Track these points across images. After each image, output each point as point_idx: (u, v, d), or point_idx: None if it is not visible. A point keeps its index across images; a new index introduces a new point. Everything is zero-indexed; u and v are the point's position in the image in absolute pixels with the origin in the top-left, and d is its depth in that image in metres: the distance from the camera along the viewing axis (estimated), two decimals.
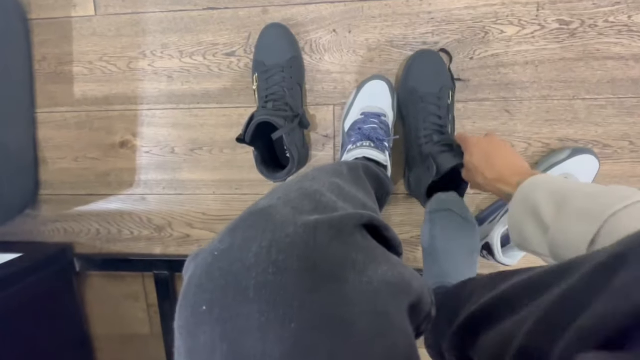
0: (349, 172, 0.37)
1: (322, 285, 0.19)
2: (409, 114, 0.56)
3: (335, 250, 0.20)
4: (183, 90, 0.62)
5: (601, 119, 0.57)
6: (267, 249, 0.19)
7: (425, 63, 0.55)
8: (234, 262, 0.19)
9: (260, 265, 0.18)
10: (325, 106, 0.61)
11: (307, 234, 0.20)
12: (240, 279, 0.18)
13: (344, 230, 0.21)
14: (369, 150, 0.50)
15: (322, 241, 0.20)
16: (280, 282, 0.18)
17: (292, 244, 0.19)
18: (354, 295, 0.19)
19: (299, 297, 0.18)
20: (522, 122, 0.58)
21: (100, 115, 0.65)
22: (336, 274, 0.19)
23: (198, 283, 0.19)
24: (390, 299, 0.20)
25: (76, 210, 0.70)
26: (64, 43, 0.62)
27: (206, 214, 0.68)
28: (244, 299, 0.18)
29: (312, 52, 0.59)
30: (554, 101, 0.57)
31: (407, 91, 0.55)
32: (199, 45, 0.60)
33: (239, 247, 0.20)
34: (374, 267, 0.21)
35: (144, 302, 0.73)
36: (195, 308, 0.19)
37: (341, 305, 0.18)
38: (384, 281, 0.20)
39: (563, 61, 0.56)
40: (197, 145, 0.64)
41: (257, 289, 0.18)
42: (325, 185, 0.29)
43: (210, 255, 0.20)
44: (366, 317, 0.19)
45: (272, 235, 0.20)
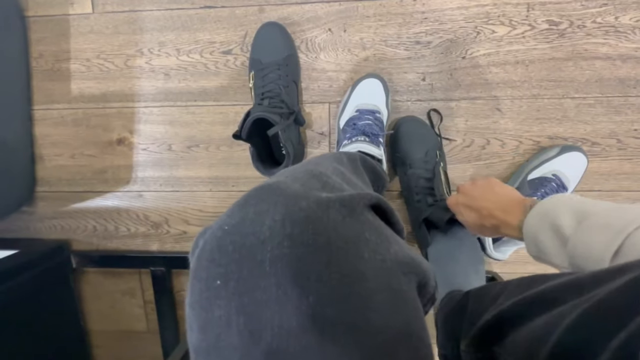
0: (349, 162, 0.38)
1: (338, 260, 0.18)
2: (401, 177, 0.59)
3: (348, 228, 0.20)
4: (180, 88, 0.63)
5: (590, 117, 0.59)
6: (280, 222, 0.19)
7: (410, 129, 0.57)
8: (247, 236, 0.19)
9: (275, 239, 0.18)
10: (321, 104, 0.62)
11: (320, 209, 0.20)
12: (255, 252, 0.18)
13: (356, 209, 0.21)
14: (363, 144, 0.51)
15: (336, 218, 0.20)
16: (296, 255, 0.18)
17: (307, 218, 0.19)
18: (369, 271, 0.19)
19: (315, 270, 0.18)
20: (513, 120, 0.60)
21: (97, 113, 0.65)
22: (351, 250, 0.19)
23: (210, 257, 0.19)
24: (403, 277, 0.20)
25: (73, 207, 0.70)
26: (61, 40, 0.63)
27: (203, 210, 0.68)
28: (260, 272, 0.18)
29: (308, 50, 0.60)
30: (544, 100, 0.58)
31: (396, 158, 0.59)
32: (196, 43, 0.61)
33: (251, 220, 0.19)
34: (386, 245, 0.21)
35: (140, 298, 0.74)
36: (209, 282, 0.18)
37: (357, 281, 0.18)
38: (396, 260, 0.20)
39: (553, 61, 0.57)
40: (194, 142, 0.65)
41: (273, 262, 0.18)
42: (329, 169, 0.29)
43: (219, 229, 0.19)
44: (382, 292, 0.19)
45: (285, 208, 0.19)
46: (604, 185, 0.61)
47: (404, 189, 0.59)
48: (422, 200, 0.55)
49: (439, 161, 0.56)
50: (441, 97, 0.59)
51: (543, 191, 0.53)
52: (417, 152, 0.56)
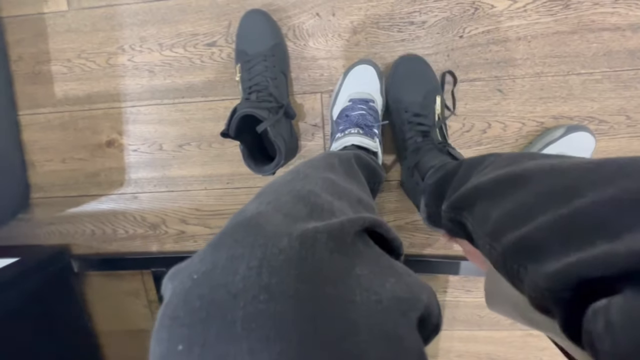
0: (341, 165, 0.36)
1: (325, 312, 0.16)
2: (394, 124, 0.55)
3: (337, 265, 0.18)
4: (166, 85, 0.61)
5: (597, 94, 0.55)
6: (256, 269, 0.16)
7: (408, 70, 0.53)
8: (217, 288, 0.16)
9: (249, 292, 0.16)
10: (313, 94, 0.59)
11: (304, 247, 0.17)
12: (225, 310, 0.15)
13: (346, 240, 0.19)
14: (357, 137, 0.48)
15: (322, 255, 0.17)
16: (274, 311, 0.15)
17: (287, 261, 0.17)
18: (363, 318, 0.16)
19: (298, 329, 0.15)
20: (516, 101, 0.57)
21: (83, 115, 0.63)
22: (341, 295, 0.17)
23: (173, 315, 0.16)
24: (401, 318, 0.18)
25: (69, 212, 0.69)
26: (39, 41, 0.60)
27: (200, 209, 0.67)
28: (230, 335, 0.15)
29: (296, 38, 0.57)
30: (547, 78, 0.55)
31: (391, 100, 0.55)
32: (178, 36, 0.58)
33: (222, 268, 0.17)
34: (381, 281, 0.18)
35: (144, 298, 0.74)
36: (170, 346, 0.16)
37: (349, 334, 0.16)
38: (394, 297, 0.18)
39: (557, 35, 0.53)
40: (185, 140, 0.63)
41: (245, 321, 0.15)
42: (319, 184, 0.26)
43: (188, 278, 0.17)
44: (377, 344, 0.16)
45: (262, 252, 0.17)
46: None
47: (397, 136, 0.55)
48: (413, 140, 0.52)
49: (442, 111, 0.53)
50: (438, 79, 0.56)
51: None
52: (415, 96, 0.52)
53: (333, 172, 0.31)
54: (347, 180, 0.32)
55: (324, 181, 0.27)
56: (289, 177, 0.28)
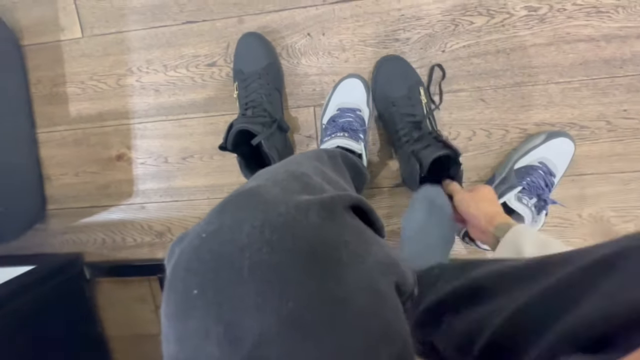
0: (329, 159, 0.38)
1: (318, 264, 0.18)
2: (386, 120, 0.58)
3: (328, 230, 0.20)
4: (170, 102, 0.66)
5: (576, 101, 0.58)
6: (259, 228, 0.18)
7: (389, 68, 0.57)
8: (225, 243, 0.18)
9: (253, 245, 0.18)
10: (306, 108, 0.63)
11: (299, 213, 0.20)
12: (234, 260, 0.18)
13: (335, 211, 0.21)
14: (343, 139, 0.52)
15: (315, 221, 0.20)
16: (275, 261, 0.18)
17: (285, 223, 0.19)
18: (348, 273, 0.19)
19: (295, 275, 0.18)
20: (498, 110, 0.60)
21: (95, 132, 0.69)
22: (330, 253, 0.19)
23: (186, 267, 0.19)
24: (382, 277, 0.20)
25: (82, 222, 0.74)
26: (56, 66, 0.66)
27: (202, 218, 0.71)
28: (239, 279, 0.17)
29: (289, 56, 0.61)
30: (528, 87, 0.58)
31: (378, 98, 0.58)
32: (181, 58, 0.63)
33: (229, 227, 0.19)
34: (365, 247, 0.21)
35: (152, 303, 0.78)
36: (186, 292, 0.18)
37: (337, 284, 0.18)
38: (375, 261, 0.20)
39: (534, 47, 0.57)
40: (188, 153, 0.68)
41: (251, 268, 0.17)
42: (310, 169, 0.29)
43: (197, 237, 0.19)
44: (361, 294, 0.19)
45: (263, 214, 0.19)
46: (597, 168, 0.60)
47: (391, 132, 0.58)
48: (409, 135, 0.54)
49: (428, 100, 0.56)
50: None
51: (529, 179, 0.54)
52: (400, 90, 0.55)
53: (322, 163, 0.34)
54: (334, 173, 0.35)
55: (315, 168, 0.30)
56: (283, 162, 0.31)
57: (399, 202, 0.66)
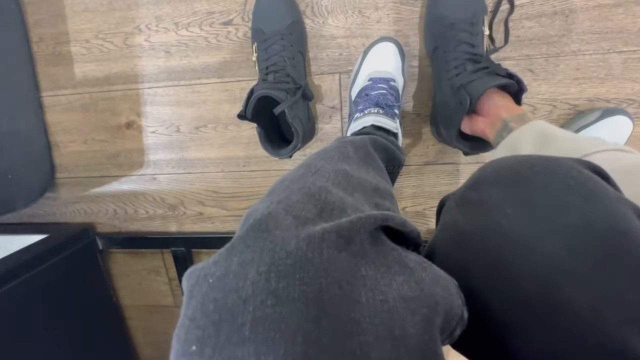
0: (356, 153, 0.35)
1: (330, 312, 0.16)
2: (437, 47, 0.49)
3: (344, 265, 0.18)
4: (182, 66, 0.60)
5: (639, 74, 0.51)
6: (265, 274, 0.17)
7: None
8: (229, 293, 0.17)
9: (258, 297, 0.16)
10: (331, 75, 0.57)
11: (310, 249, 0.18)
12: (236, 314, 0.16)
13: (354, 239, 0.19)
14: (377, 117, 0.47)
15: (330, 255, 0.18)
16: (280, 315, 0.16)
17: (294, 265, 0.17)
18: (367, 318, 0.17)
19: (303, 330, 0.16)
20: (547, 82, 0.53)
21: (103, 96, 0.64)
22: (346, 296, 0.17)
23: (192, 316, 0.17)
24: (409, 317, 0.18)
25: (93, 192, 0.72)
26: (58, 21, 0.60)
27: (217, 192, 0.68)
28: (239, 338, 0.16)
29: (314, 15, 0.54)
30: (585, 56, 0.51)
31: (434, 20, 0.49)
32: (194, 15, 0.57)
33: (234, 273, 0.18)
34: (388, 280, 0.19)
35: (165, 276, 0.77)
36: (186, 346, 0.17)
37: (353, 334, 0.16)
38: (400, 297, 0.18)
39: (598, 8, 0.49)
40: (202, 122, 0.63)
41: (253, 325, 0.16)
42: (331, 178, 0.26)
43: (204, 282, 0.18)
44: (382, 345, 0.16)
45: (270, 256, 0.18)
46: None
47: (440, 63, 0.49)
48: (461, 67, 0.46)
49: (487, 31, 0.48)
50: None
51: None
52: (464, 12, 0.47)
53: (347, 163, 0.30)
54: (362, 169, 0.31)
55: (337, 174, 0.27)
56: (301, 171, 0.27)
57: (426, 181, 0.61)
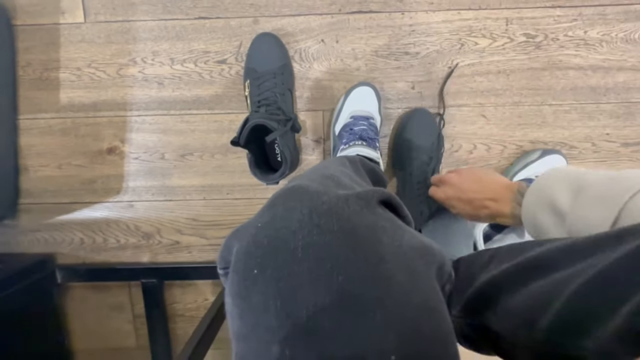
0: (351, 165, 0.40)
1: (362, 244, 0.21)
2: (403, 163, 0.60)
3: (367, 217, 0.22)
4: (174, 97, 0.63)
5: (566, 123, 0.63)
6: (308, 215, 0.21)
7: (421, 120, 0.60)
8: (280, 229, 0.21)
9: (304, 229, 0.20)
10: (315, 112, 0.63)
11: (341, 202, 0.22)
12: (288, 242, 0.20)
13: (370, 202, 0.23)
14: (361, 148, 0.52)
15: (355, 209, 0.22)
16: (324, 241, 0.20)
17: (330, 209, 0.21)
18: (388, 254, 0.21)
19: (343, 253, 0.20)
20: (497, 126, 0.63)
21: (86, 122, 0.64)
22: (371, 235, 0.21)
23: (246, 251, 0.21)
24: (418, 259, 0.22)
25: (59, 219, 0.67)
26: (50, 49, 0.62)
27: (196, 219, 0.67)
28: (294, 258, 0.19)
29: (302, 60, 0.62)
30: (524, 107, 0.62)
31: (402, 141, 0.60)
32: (190, 52, 0.62)
33: (281, 216, 0.22)
34: (400, 233, 0.23)
35: (129, 312, 0.71)
36: (247, 272, 0.20)
37: (379, 262, 0.20)
38: (410, 245, 0.23)
39: (531, 70, 0.61)
40: (188, 150, 0.65)
41: (304, 249, 0.20)
42: (337, 171, 0.32)
43: (253, 227, 0.22)
44: (401, 272, 0.21)
45: (310, 203, 0.22)
46: None
47: (403, 173, 0.60)
48: (422, 183, 0.57)
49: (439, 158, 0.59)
50: (430, 104, 0.62)
51: None
52: (426, 141, 0.59)
53: (345, 168, 0.36)
54: (357, 177, 0.37)
55: (341, 171, 0.33)
56: (310, 169, 0.33)
57: None
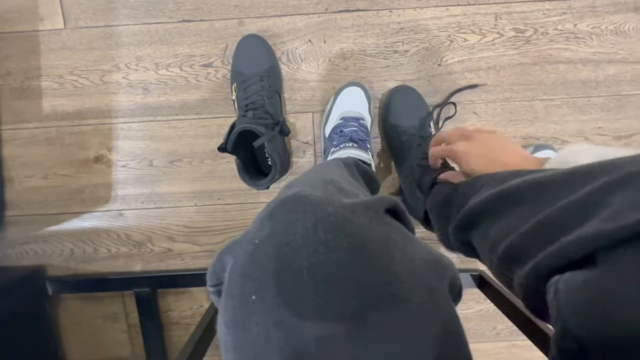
0: (346, 167, 0.39)
1: (374, 262, 0.18)
2: (394, 148, 0.59)
3: (376, 230, 0.20)
4: (160, 102, 0.62)
5: (558, 118, 0.62)
6: (312, 229, 0.18)
7: (402, 99, 0.58)
8: (281, 247, 0.18)
9: (309, 246, 0.18)
10: (304, 114, 0.62)
11: (348, 213, 0.20)
12: (291, 262, 0.18)
13: (379, 212, 0.21)
14: (352, 150, 0.51)
15: (363, 221, 0.20)
16: (333, 260, 0.17)
17: (337, 222, 0.19)
18: (402, 271, 0.19)
19: (354, 274, 0.17)
20: (489, 123, 0.62)
21: (71, 130, 0.63)
22: (383, 252, 0.19)
23: (242, 272, 0.18)
24: (432, 274, 0.20)
25: (47, 231, 0.66)
26: (30, 57, 0.60)
27: (188, 226, 0.66)
28: (298, 282, 0.17)
29: (289, 61, 0.60)
30: (515, 102, 0.62)
31: (388, 128, 0.59)
32: (175, 57, 0.60)
33: (282, 231, 0.19)
34: (411, 246, 0.21)
35: (124, 322, 0.70)
36: (243, 298, 0.18)
37: (394, 282, 0.18)
38: (422, 258, 0.21)
39: (521, 65, 0.61)
40: (177, 157, 0.64)
41: (310, 270, 0.17)
42: (337, 176, 0.29)
43: (249, 244, 0.19)
44: (418, 292, 0.19)
45: (314, 215, 0.19)
46: None
47: (397, 158, 0.58)
48: (415, 165, 0.54)
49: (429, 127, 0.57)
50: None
51: None
52: (411, 121, 0.56)
53: (343, 172, 0.34)
54: (353, 180, 0.35)
55: (341, 175, 0.31)
56: (309, 173, 0.31)
57: None
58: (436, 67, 0.61)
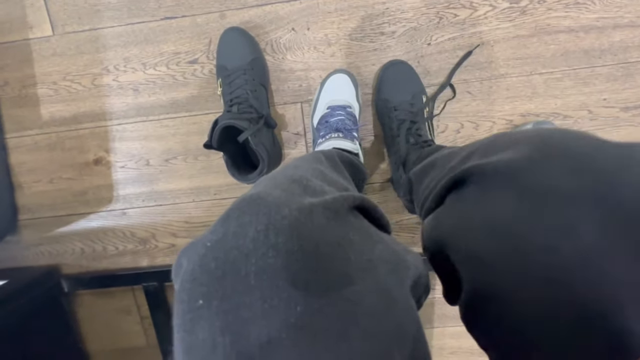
0: (327, 160, 0.38)
1: (325, 265, 0.18)
2: (385, 124, 0.58)
3: (333, 231, 0.20)
4: (151, 102, 0.63)
5: (559, 91, 0.59)
6: (264, 232, 0.18)
7: (395, 74, 0.56)
8: (230, 250, 0.18)
9: (259, 250, 0.18)
10: (293, 104, 0.62)
11: (303, 215, 0.19)
12: (239, 267, 0.17)
13: (339, 212, 0.21)
14: (338, 140, 0.51)
15: (320, 222, 0.20)
16: (281, 265, 0.17)
17: (290, 225, 0.19)
18: (356, 273, 0.19)
19: (302, 278, 0.17)
20: (484, 102, 0.60)
21: (70, 135, 0.65)
22: (337, 254, 0.19)
23: (191, 278, 0.18)
24: (390, 276, 0.20)
25: (58, 232, 0.70)
26: (25, 66, 0.62)
27: (189, 222, 0.68)
28: (245, 287, 0.17)
29: (274, 52, 0.59)
30: (512, 78, 0.59)
31: (380, 102, 0.57)
32: (161, 55, 0.61)
33: (233, 234, 0.19)
34: (371, 246, 0.21)
35: (136, 314, 0.74)
36: (191, 303, 0.17)
37: (346, 284, 0.18)
38: (381, 259, 0.21)
39: (517, 39, 0.57)
40: (172, 155, 0.65)
41: (257, 274, 0.17)
42: (309, 171, 0.29)
43: (202, 247, 0.19)
44: (371, 294, 0.18)
45: (267, 218, 0.19)
46: None
47: (387, 133, 0.58)
48: (404, 141, 0.53)
49: (426, 107, 0.56)
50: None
51: None
52: (403, 95, 0.55)
53: (321, 165, 0.34)
54: (334, 173, 0.35)
55: (314, 170, 0.30)
56: (281, 168, 0.31)
57: (390, 196, 0.65)
58: (426, 46, 0.58)
